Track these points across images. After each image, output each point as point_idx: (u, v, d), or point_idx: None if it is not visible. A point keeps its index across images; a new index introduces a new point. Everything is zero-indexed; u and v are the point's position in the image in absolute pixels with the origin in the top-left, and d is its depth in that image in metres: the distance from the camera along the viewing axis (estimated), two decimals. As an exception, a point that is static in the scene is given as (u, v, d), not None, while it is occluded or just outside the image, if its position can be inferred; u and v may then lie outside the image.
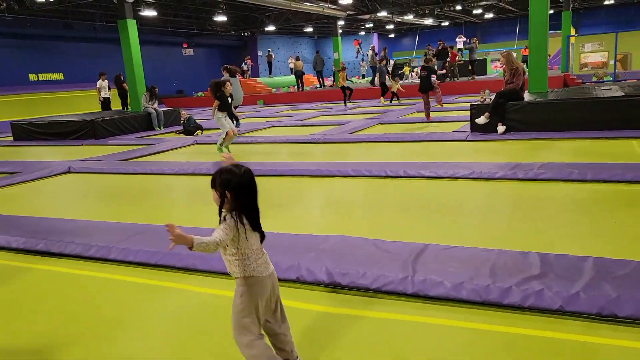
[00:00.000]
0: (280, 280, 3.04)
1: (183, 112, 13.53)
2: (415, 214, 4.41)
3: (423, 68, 10.84)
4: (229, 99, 8.42)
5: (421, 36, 35.48)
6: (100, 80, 16.53)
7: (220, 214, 1.97)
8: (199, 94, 26.88)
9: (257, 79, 27.36)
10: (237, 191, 1.93)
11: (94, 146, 11.13)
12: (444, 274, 2.73)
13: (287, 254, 3.28)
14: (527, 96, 8.78)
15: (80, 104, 19.84)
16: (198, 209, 5.16)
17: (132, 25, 13.70)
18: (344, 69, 15.99)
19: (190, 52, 29.02)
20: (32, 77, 20.21)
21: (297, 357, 2.18)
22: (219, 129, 8.88)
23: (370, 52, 21.47)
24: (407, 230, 3.94)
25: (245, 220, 1.96)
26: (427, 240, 3.35)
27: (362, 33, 36.62)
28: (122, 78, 15.46)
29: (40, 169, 7.82)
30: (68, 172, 7.84)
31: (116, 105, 17.10)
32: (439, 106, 12.13)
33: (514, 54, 9.22)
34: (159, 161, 8.24)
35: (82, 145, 11.40)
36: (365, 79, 30.77)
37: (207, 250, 1.90)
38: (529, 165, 5.46)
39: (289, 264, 3.12)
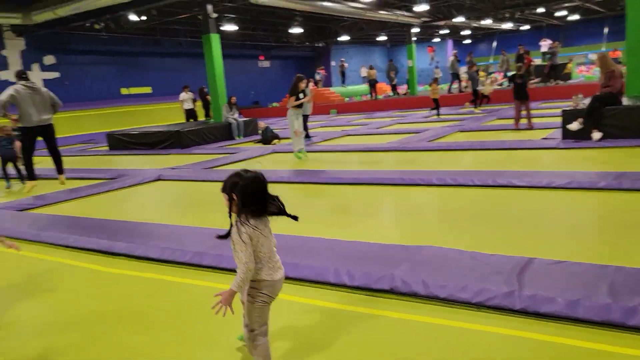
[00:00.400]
0: (372, 290, 3.03)
1: (261, 122, 13.87)
2: (509, 226, 4.19)
3: (518, 76, 10.31)
4: (301, 95, 8.62)
5: (499, 41, 34.24)
6: (183, 93, 17.39)
7: (230, 217, 2.10)
8: (274, 104, 27.59)
9: (330, 88, 27.61)
10: (242, 193, 2.03)
11: (180, 155, 11.68)
12: (555, 290, 2.55)
13: (378, 263, 3.22)
14: (625, 100, 8.15)
15: (167, 115, 21.04)
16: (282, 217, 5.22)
17: (215, 40, 14.31)
18: (435, 80, 15.22)
19: (266, 64, 29.88)
20: (124, 91, 21.70)
21: None
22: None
23: (451, 59, 20.93)
24: (504, 242, 3.73)
25: (253, 223, 2.05)
26: (527, 254, 3.15)
27: (437, 40, 35.96)
28: (206, 90, 16.17)
29: (133, 176, 8.31)
30: (158, 179, 8.26)
31: (200, 116, 17.93)
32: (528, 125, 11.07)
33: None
34: (235, 169, 8.47)
35: (169, 154, 12.02)
36: (441, 86, 30.14)
37: (246, 280, 2.05)
38: (636, 175, 5.03)
39: (381, 273, 3.05)
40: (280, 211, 2.15)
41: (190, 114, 17.30)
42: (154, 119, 20.59)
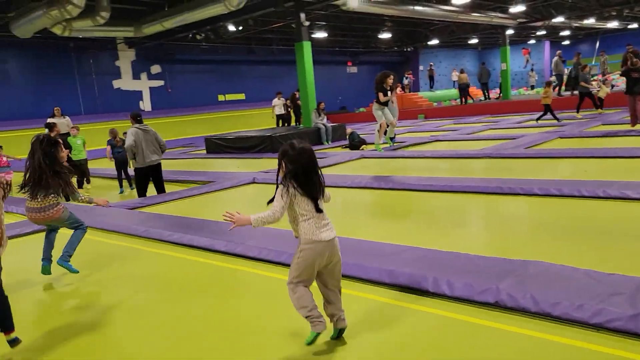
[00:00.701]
0: (474, 302, 2.95)
1: (347, 128, 13.91)
2: (624, 243, 3.88)
3: (634, 70, 9.51)
4: (389, 93, 8.57)
5: (602, 41, 31.77)
6: (276, 99, 17.98)
7: (277, 180, 2.47)
8: (361, 109, 27.68)
9: (418, 93, 27.18)
10: (290, 160, 2.42)
11: (272, 159, 12.08)
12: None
13: (480, 275, 3.13)
14: None
15: (259, 120, 21.91)
16: (373, 222, 5.24)
17: (307, 47, 14.65)
18: (549, 84, 13.92)
19: (354, 69, 30.08)
20: (221, 97, 22.93)
21: (342, 314, 2.58)
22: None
23: (555, 59, 19.67)
24: (620, 260, 3.47)
25: (295, 186, 2.39)
26: (648, 274, 2.91)
27: (532, 41, 34.11)
28: (297, 96, 16.60)
29: (229, 179, 8.74)
30: (253, 182, 8.62)
31: (292, 121, 18.47)
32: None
33: None
34: (330, 174, 8.58)
35: (262, 158, 12.48)
36: (536, 89, 28.56)
37: (266, 222, 2.42)
38: None
39: (485, 286, 2.97)
40: (320, 185, 2.47)
41: (283, 118, 17.78)
42: (247, 124, 21.51)
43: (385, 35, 23.91)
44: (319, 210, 2.44)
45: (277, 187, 2.45)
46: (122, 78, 19.14)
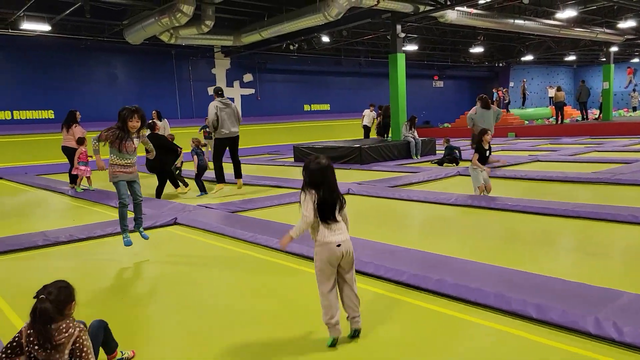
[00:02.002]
0: (570, 329, 2.66)
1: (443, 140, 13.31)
2: None
3: None
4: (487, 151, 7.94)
5: None
6: (368, 110, 17.88)
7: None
8: (446, 125, 27.00)
9: (509, 110, 26.06)
10: (309, 172, 2.76)
11: (360, 171, 11.98)
12: None
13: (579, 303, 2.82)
14: None
15: (343, 131, 21.97)
16: (466, 241, 4.94)
17: (401, 59, 14.50)
18: None
19: (440, 84, 29.46)
20: (306, 107, 23.27)
21: (357, 315, 2.84)
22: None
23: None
24: None
25: (313, 193, 2.70)
26: None
27: (635, 60, 31.68)
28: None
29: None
30: (347, 193, 8.52)
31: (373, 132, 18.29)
32: None
33: None
34: (425, 190, 8.30)
35: (350, 169, 12.41)
36: (638, 111, 26.46)
37: (303, 229, 2.72)
38: None
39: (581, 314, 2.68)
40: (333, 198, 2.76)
41: (378, 130, 17.28)
42: (331, 134, 21.64)
43: (477, 50, 23.18)
44: (333, 219, 2.75)
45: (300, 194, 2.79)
46: (216, 85, 19.97)
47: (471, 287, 3.26)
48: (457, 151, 12.32)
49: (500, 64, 29.26)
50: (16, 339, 2.21)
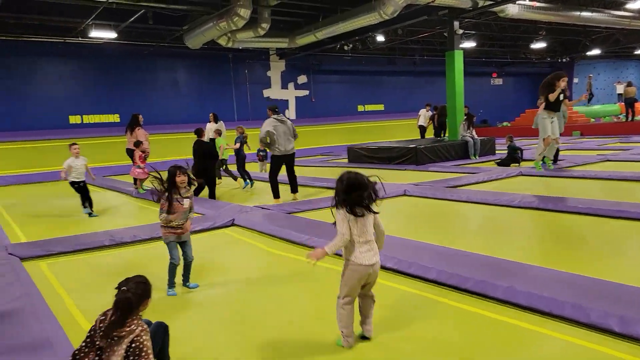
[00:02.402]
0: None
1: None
2: None
3: None
4: (561, 95, 7.54)
5: None
6: (424, 110, 17.54)
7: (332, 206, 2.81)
8: (505, 124, 26.02)
9: (573, 107, 24.77)
10: (341, 189, 2.77)
11: (416, 171, 11.74)
12: None
13: None
14: None
15: (397, 131, 21.69)
16: (534, 246, 4.66)
17: (458, 56, 14.13)
18: None
19: (498, 81, 28.48)
20: (360, 107, 23.16)
21: (371, 327, 2.95)
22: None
23: None
24: None
25: (347, 210, 2.74)
26: None
27: None
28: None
29: (378, 189, 8.55)
30: (404, 194, 8.36)
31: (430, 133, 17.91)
32: None
33: None
34: (486, 191, 7.99)
35: (405, 170, 12.19)
36: None
37: (339, 246, 2.76)
38: None
39: None
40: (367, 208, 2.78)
41: (436, 130, 16.87)
42: (385, 134, 21.41)
43: (538, 45, 22.23)
44: (365, 233, 2.79)
45: (332, 211, 2.84)
46: (271, 87, 20.25)
47: (544, 296, 3.06)
48: (519, 152, 11.82)
49: (564, 60, 27.92)
50: (91, 330, 2.29)
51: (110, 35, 14.33)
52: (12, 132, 15.18)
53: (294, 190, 8.90)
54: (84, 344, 2.27)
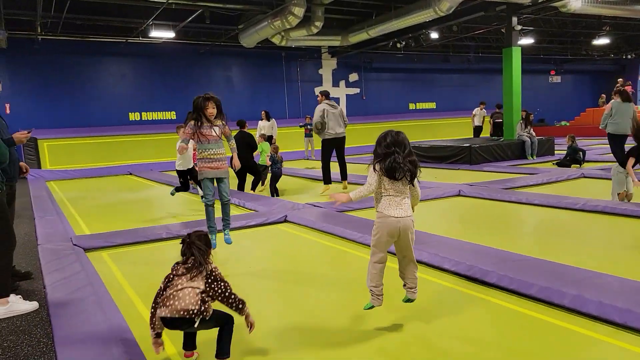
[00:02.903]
0: None
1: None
2: None
3: None
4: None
5: None
6: (477, 109, 17.09)
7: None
8: (563, 123, 24.93)
9: (638, 107, 23.43)
10: (378, 144, 2.89)
11: (470, 171, 11.44)
12: None
13: None
14: None
15: (449, 130, 21.24)
16: (600, 252, 4.40)
17: (516, 53, 13.66)
18: None
19: (557, 79, 27.32)
20: (411, 106, 22.83)
21: (413, 287, 3.01)
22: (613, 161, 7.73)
23: None
24: None
25: (380, 167, 2.81)
26: None
27: None
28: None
29: (433, 189, 8.39)
30: (458, 195, 8.16)
31: (486, 132, 17.43)
32: None
33: None
34: (546, 194, 7.66)
35: (459, 169, 11.90)
36: None
37: (364, 194, 2.84)
38: None
39: None
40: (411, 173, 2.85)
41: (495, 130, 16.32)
42: (437, 133, 21.00)
43: (601, 41, 21.11)
44: (398, 191, 2.82)
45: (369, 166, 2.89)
46: (323, 85, 20.29)
47: (618, 307, 2.88)
48: (581, 153, 11.27)
49: (629, 56, 26.41)
50: (167, 278, 2.59)
51: (168, 34, 14.79)
52: (76, 128, 15.97)
53: (344, 177, 8.96)
54: (162, 288, 2.55)
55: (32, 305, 3.58)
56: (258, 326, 2.79)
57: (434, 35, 17.27)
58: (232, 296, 2.58)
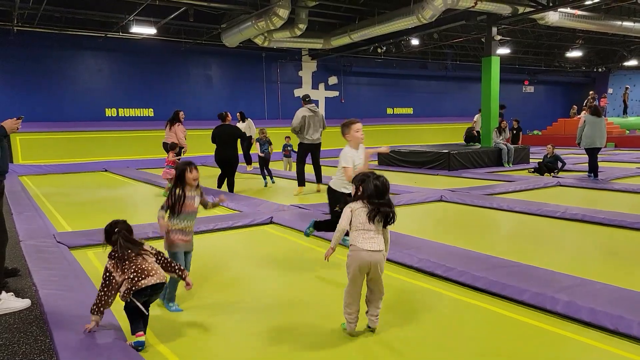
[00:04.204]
0: None
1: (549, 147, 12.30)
2: None
3: None
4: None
5: None
6: (478, 115, 17.37)
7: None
8: (535, 132, 25.62)
9: (608, 119, 24.28)
10: (357, 187, 2.98)
11: (448, 177, 11.63)
12: None
13: None
14: None
15: (425, 135, 21.55)
16: (584, 259, 4.58)
17: (495, 62, 13.99)
18: None
19: (530, 89, 28.08)
20: (389, 110, 23.08)
21: (375, 316, 3.03)
22: (585, 171, 7.98)
23: None
24: None
25: (359, 205, 2.94)
26: None
27: None
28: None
29: (413, 194, 8.50)
30: (440, 200, 8.30)
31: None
32: None
33: None
34: (527, 201, 7.86)
35: (438, 175, 12.10)
36: None
37: (338, 238, 3.03)
38: None
39: None
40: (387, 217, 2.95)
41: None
42: (413, 138, 21.29)
43: (574, 54, 21.84)
44: (369, 227, 2.90)
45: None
46: (302, 87, 20.33)
47: (611, 314, 3.00)
48: (560, 163, 11.46)
49: (599, 69, 27.39)
50: (108, 273, 2.96)
51: (150, 31, 14.57)
52: (51, 122, 15.56)
53: (319, 180, 9.07)
54: (114, 277, 2.94)
55: (25, 303, 3.50)
56: (241, 329, 2.79)
57: (415, 42, 17.53)
58: (173, 263, 3.18)
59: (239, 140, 9.13)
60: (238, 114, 13.92)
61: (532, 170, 11.95)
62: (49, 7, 12.90)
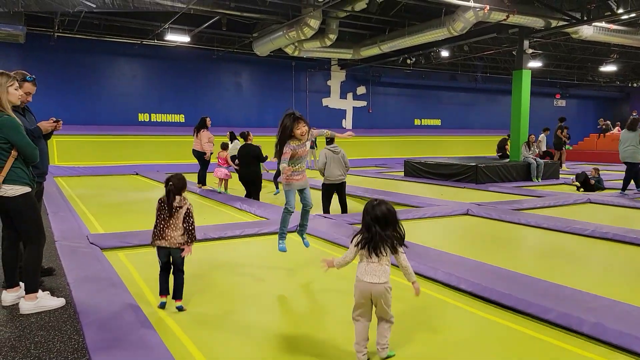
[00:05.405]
0: None
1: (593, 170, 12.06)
2: None
3: None
4: None
5: None
6: (543, 135, 17.22)
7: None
8: (566, 147, 25.13)
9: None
10: (364, 219, 2.95)
11: (475, 190, 11.53)
12: None
13: None
14: None
15: (453, 147, 21.39)
16: (615, 279, 4.48)
17: (526, 75, 13.86)
18: None
19: (562, 103, 27.58)
20: (417, 121, 23.00)
21: (383, 345, 2.92)
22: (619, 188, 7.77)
23: None
24: None
25: (363, 238, 2.91)
26: None
27: None
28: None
29: (439, 206, 8.47)
30: (467, 213, 8.24)
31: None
32: None
33: None
34: (555, 217, 7.74)
35: (464, 187, 12.00)
36: None
37: (341, 265, 3.06)
38: None
39: None
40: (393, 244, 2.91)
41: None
42: (440, 150, 21.17)
43: (608, 68, 21.39)
44: (371, 259, 2.87)
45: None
46: (330, 97, 20.48)
47: (638, 336, 2.96)
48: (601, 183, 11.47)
49: (634, 85, 26.73)
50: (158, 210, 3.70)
51: (184, 39, 14.95)
52: (85, 125, 16.07)
53: (344, 212, 8.94)
54: (157, 221, 3.70)
55: (60, 302, 3.64)
56: (251, 330, 2.83)
57: (445, 53, 17.47)
58: (192, 230, 3.71)
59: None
60: (228, 133, 12.24)
61: (578, 184, 11.61)
62: (89, 14, 13.37)
